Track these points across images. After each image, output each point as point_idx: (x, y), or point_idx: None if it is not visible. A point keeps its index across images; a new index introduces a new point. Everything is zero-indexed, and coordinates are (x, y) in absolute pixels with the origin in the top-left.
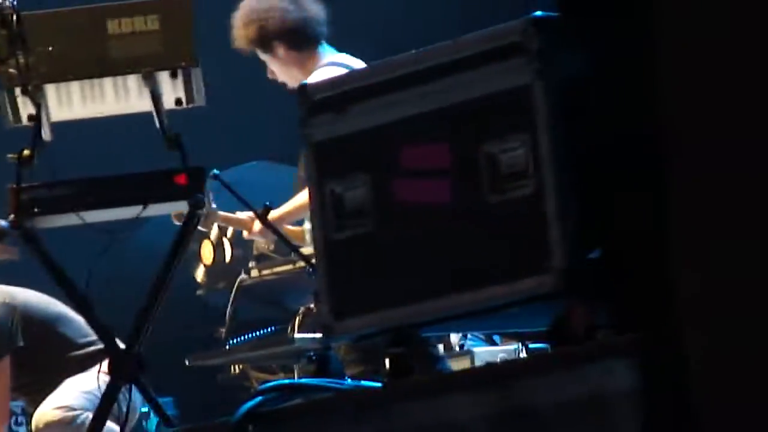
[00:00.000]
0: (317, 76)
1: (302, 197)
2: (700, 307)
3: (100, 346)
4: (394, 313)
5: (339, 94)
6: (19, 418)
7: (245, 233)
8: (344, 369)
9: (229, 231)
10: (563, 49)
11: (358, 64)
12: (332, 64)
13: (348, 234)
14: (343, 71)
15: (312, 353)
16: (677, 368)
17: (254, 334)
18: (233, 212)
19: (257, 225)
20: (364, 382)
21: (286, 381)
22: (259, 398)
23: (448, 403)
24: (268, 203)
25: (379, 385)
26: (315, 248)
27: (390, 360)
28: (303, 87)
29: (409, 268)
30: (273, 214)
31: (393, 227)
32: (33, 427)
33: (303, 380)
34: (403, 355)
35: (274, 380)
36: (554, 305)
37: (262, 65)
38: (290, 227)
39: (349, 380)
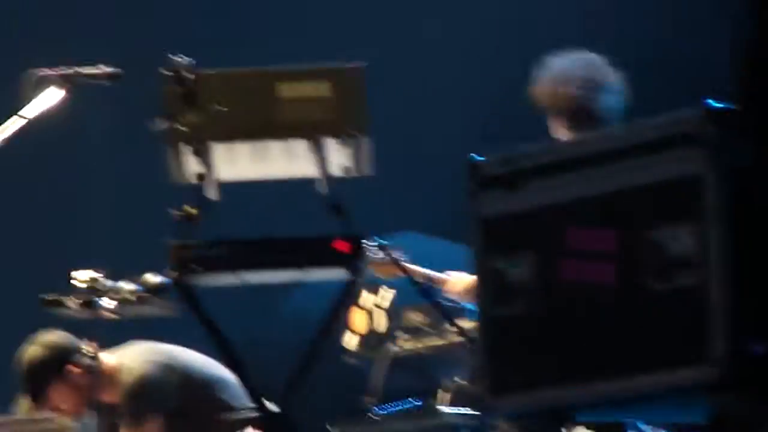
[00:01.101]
0: None
1: None
2: None
3: (252, 410)
4: (552, 394)
5: (511, 172)
6: None
7: (445, 289)
8: None
9: (387, 298)
10: (735, 140)
11: None
12: None
13: (509, 311)
14: None
15: (468, 429)
16: None
17: (400, 406)
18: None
19: (454, 286)
20: None
21: None
22: None
23: None
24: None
25: None
26: (477, 324)
27: None
28: (474, 162)
29: (568, 348)
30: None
31: (555, 306)
32: None
33: None
34: None
35: None
36: (712, 398)
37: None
38: None
39: None
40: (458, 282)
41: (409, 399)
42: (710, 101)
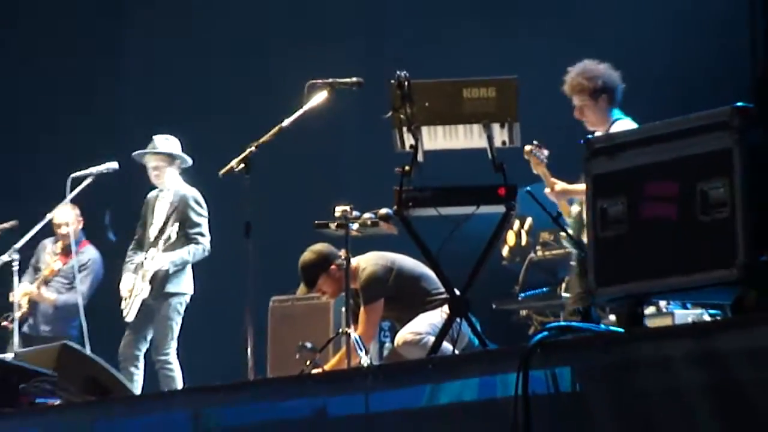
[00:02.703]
0: (618, 126)
1: (581, 187)
2: None
3: (444, 294)
4: (635, 286)
5: (611, 146)
6: (386, 333)
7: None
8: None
9: (527, 223)
10: (753, 127)
11: (630, 124)
12: (619, 120)
13: (609, 233)
14: (629, 126)
15: (580, 308)
16: None
17: (535, 292)
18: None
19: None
20: (612, 328)
21: (564, 323)
22: (546, 332)
23: (663, 344)
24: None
25: (621, 330)
26: (587, 241)
27: (629, 315)
28: (589, 139)
29: (647, 258)
30: (564, 186)
31: (638, 231)
32: (395, 342)
33: (572, 323)
34: (638, 313)
35: (552, 322)
36: (736, 289)
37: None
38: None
39: (603, 326)
40: (560, 186)
41: (543, 288)
42: (737, 102)
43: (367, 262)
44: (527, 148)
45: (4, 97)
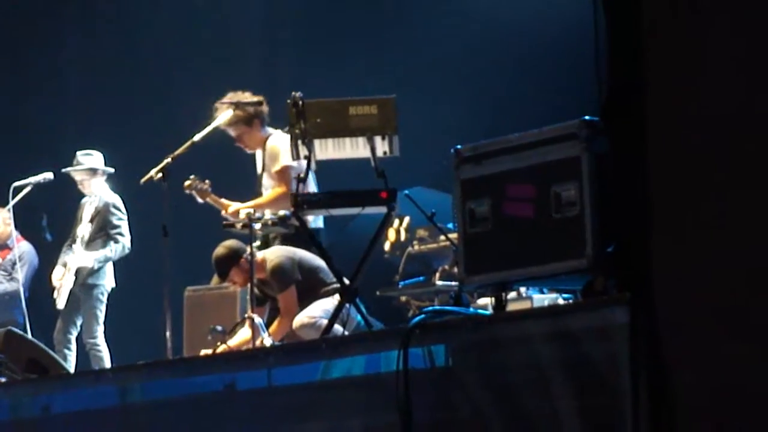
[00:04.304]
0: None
1: (252, 202)
2: (666, 278)
3: (336, 284)
4: (499, 275)
5: (476, 154)
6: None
7: None
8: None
9: (405, 222)
10: (598, 137)
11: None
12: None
13: (476, 230)
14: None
15: (452, 293)
16: (650, 312)
17: (413, 281)
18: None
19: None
20: (480, 311)
21: (437, 307)
22: (423, 315)
23: (523, 324)
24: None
25: (488, 313)
26: (458, 236)
27: (495, 300)
28: (457, 149)
29: (508, 250)
30: (237, 206)
31: (501, 228)
32: (292, 325)
33: (445, 307)
34: (500, 297)
35: (428, 307)
36: (585, 276)
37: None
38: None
39: (472, 309)
40: (233, 208)
41: (421, 278)
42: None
43: (273, 254)
44: (186, 183)
45: None
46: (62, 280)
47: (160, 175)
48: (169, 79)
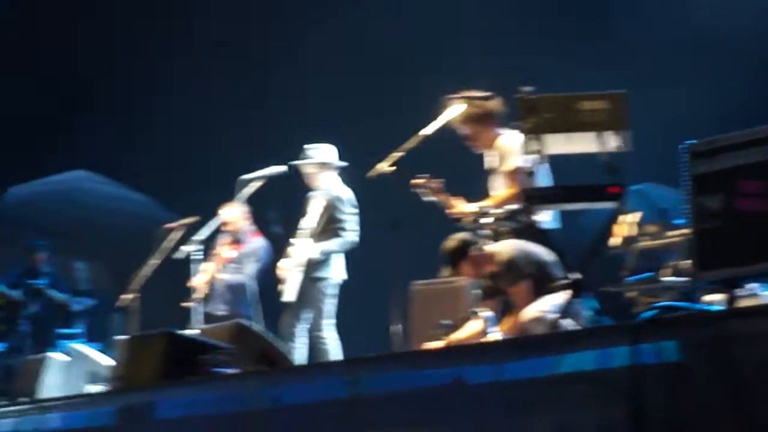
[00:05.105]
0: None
1: (475, 204)
2: None
3: (564, 279)
4: (731, 271)
5: (710, 149)
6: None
7: None
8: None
9: (635, 217)
10: None
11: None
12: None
13: (708, 225)
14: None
15: (683, 289)
16: None
17: (640, 276)
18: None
19: None
20: (710, 307)
21: (668, 303)
22: (654, 311)
23: (757, 320)
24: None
25: (718, 309)
26: (689, 231)
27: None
28: (690, 144)
29: (740, 246)
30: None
31: (733, 224)
32: (521, 318)
33: (676, 303)
34: (732, 294)
35: (658, 302)
36: None
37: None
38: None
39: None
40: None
41: (646, 273)
42: None
43: (503, 248)
44: (419, 181)
45: (183, 109)
46: (288, 273)
47: (393, 168)
48: (398, 75)
